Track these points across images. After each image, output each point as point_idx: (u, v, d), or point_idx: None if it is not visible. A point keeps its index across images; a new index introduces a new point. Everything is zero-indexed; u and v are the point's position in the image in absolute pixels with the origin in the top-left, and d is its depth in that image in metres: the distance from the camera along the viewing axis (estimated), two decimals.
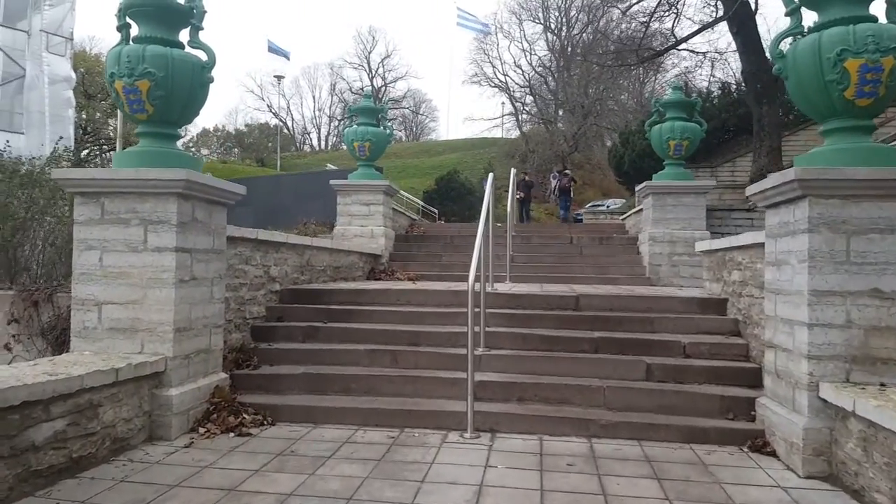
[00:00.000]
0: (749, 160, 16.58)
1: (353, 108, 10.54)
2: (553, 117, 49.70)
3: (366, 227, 10.22)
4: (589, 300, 6.16)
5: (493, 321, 5.88)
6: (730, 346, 5.36)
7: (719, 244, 6.09)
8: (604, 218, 17.87)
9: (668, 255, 9.47)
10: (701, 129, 9.83)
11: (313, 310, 6.25)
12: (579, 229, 11.94)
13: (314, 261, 7.44)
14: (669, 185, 9.57)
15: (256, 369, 5.36)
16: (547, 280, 9.34)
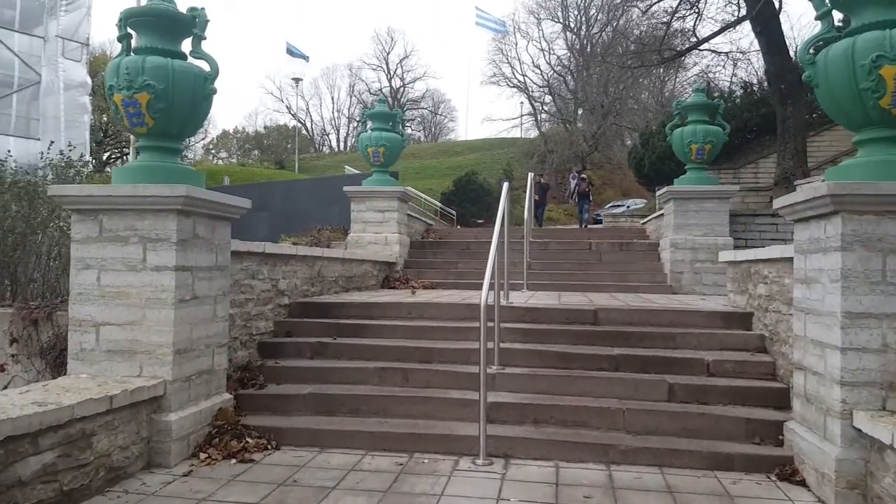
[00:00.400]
0: (773, 161, 16.19)
1: (366, 114, 10.37)
2: (572, 117, 49.33)
3: (380, 234, 10.05)
4: (608, 314, 5.93)
5: (508, 337, 5.67)
6: (756, 364, 5.11)
7: (744, 255, 5.83)
8: (623, 221, 17.56)
9: (691, 262, 9.20)
10: (724, 132, 9.56)
11: (323, 324, 6.08)
12: (598, 234, 11.68)
13: (325, 272, 7.28)
14: (691, 191, 9.31)
15: (262, 389, 5.19)
16: (565, 288, 9.12)
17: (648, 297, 7.78)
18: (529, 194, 10.40)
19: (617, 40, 41.51)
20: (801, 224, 4.22)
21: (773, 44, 13.16)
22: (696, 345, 5.48)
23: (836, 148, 15.13)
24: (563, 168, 43.69)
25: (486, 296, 4.56)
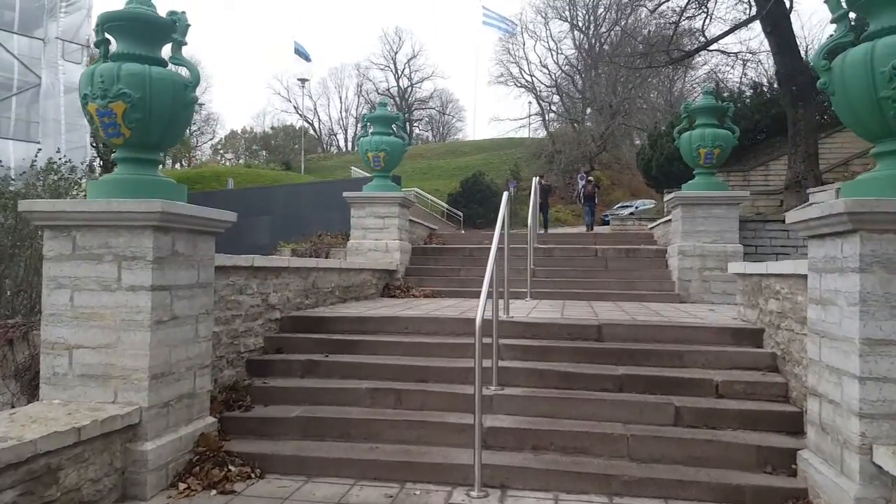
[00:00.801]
0: (783, 164, 15.91)
1: (367, 117, 10.14)
2: (580, 116, 49.00)
3: (380, 241, 9.82)
4: (612, 329, 5.66)
5: (508, 354, 5.43)
6: (767, 386, 4.84)
7: (755, 269, 5.56)
8: (631, 224, 17.29)
9: (699, 269, 8.93)
10: (733, 136, 9.27)
11: (315, 340, 5.84)
12: (605, 240, 11.41)
13: (320, 283, 7.05)
14: (700, 196, 9.03)
15: (249, 411, 4.96)
16: (570, 296, 8.88)
17: (656, 308, 7.52)
18: (534, 199, 10.14)
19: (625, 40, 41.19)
20: (815, 241, 3.96)
21: (784, 44, 12.86)
22: (705, 363, 5.21)
23: (847, 150, 14.84)
24: (572, 168, 43.41)
25: (481, 313, 4.33)
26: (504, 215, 6.10)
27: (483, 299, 4.55)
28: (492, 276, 4.95)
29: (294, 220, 13.13)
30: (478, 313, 4.32)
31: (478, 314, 4.31)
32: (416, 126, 79.61)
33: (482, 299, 4.54)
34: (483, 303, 4.50)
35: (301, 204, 14.20)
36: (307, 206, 14.20)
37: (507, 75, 52.58)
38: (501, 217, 5.89)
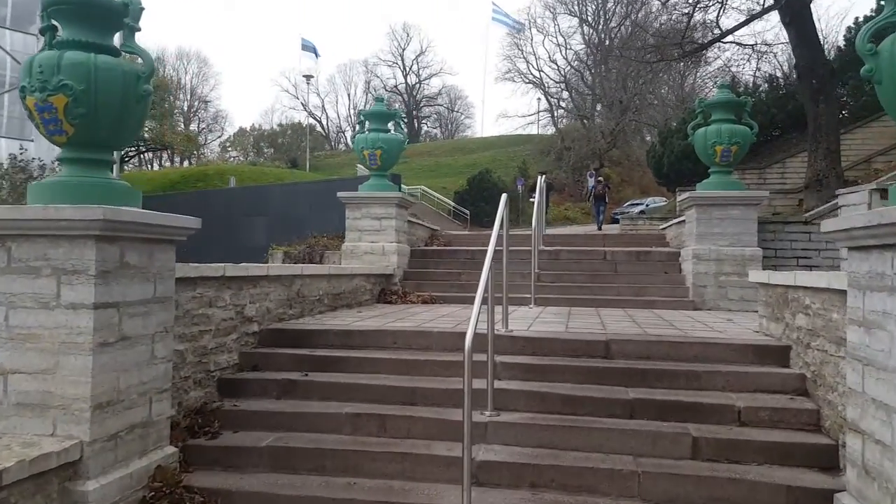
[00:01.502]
0: (801, 161, 15.32)
1: (363, 113, 9.63)
2: (590, 113, 48.33)
3: (376, 244, 9.32)
4: (622, 346, 5.13)
5: (506, 373, 4.92)
6: (796, 413, 4.31)
7: (781, 279, 5.02)
8: (642, 224, 16.69)
9: (715, 274, 8.39)
10: (752, 132, 8.72)
11: (295, 357, 5.34)
12: (614, 241, 10.87)
13: (306, 290, 6.54)
14: (716, 196, 8.48)
15: (215, 438, 4.46)
16: (577, 303, 8.36)
17: (669, 318, 6.99)
18: (538, 199, 9.61)
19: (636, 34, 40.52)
20: (858, 253, 3.41)
21: (804, 35, 12.24)
22: (725, 385, 4.68)
23: (869, 147, 14.23)
24: (581, 166, 42.83)
25: (472, 329, 3.86)
26: (503, 216, 5.61)
27: (476, 312, 4.06)
28: (487, 285, 4.46)
29: (293, 221, 12.65)
30: (468, 330, 3.82)
31: (468, 331, 3.82)
32: (424, 123, 79.16)
33: (474, 312, 4.05)
34: (475, 316, 4.01)
35: (299, 203, 13.71)
36: (306, 205, 13.70)
37: (515, 71, 51.92)
38: (500, 219, 5.38)
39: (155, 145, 66.38)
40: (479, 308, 4.16)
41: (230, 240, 12.65)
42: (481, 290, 4.34)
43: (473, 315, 4.03)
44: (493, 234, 5.18)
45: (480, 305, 4.20)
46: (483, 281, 4.43)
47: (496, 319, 5.62)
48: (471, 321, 3.95)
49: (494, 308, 4.72)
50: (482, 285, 4.39)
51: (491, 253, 4.79)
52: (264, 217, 14.28)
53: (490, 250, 4.82)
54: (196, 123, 74.11)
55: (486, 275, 4.51)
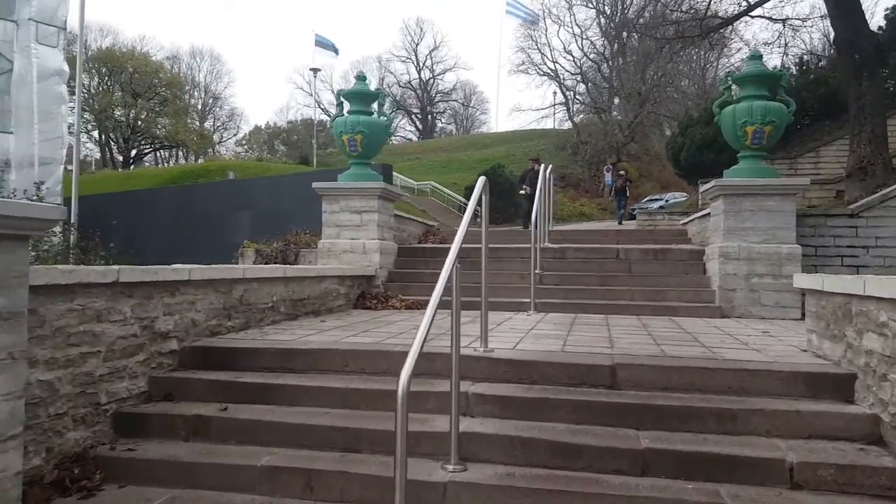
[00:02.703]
0: (837, 149, 14.03)
1: (342, 93, 8.49)
2: (607, 105, 46.90)
3: (356, 241, 8.20)
4: (633, 372, 3.95)
5: (479, 408, 3.78)
6: (870, 472, 3.11)
7: (841, 285, 3.83)
8: (661, 219, 15.46)
9: (745, 276, 7.19)
10: (788, 110, 7.49)
11: (218, 384, 4.22)
12: (629, 238, 9.67)
13: (253, 297, 5.43)
14: (747, 185, 7.27)
15: (91, 496, 3.35)
16: (584, 308, 7.23)
17: (691, 328, 5.81)
18: (541, 187, 8.44)
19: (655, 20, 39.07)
20: None
21: (843, 4, 10.89)
22: (770, 429, 3.49)
23: None
24: (598, 160, 41.51)
25: (414, 357, 2.78)
26: (482, 205, 4.51)
27: (424, 328, 2.96)
28: (454, 290, 3.38)
29: (277, 216, 11.62)
30: (410, 355, 2.72)
31: (408, 358, 2.72)
32: (438, 119, 78.00)
33: (422, 329, 2.95)
34: (422, 335, 2.92)
35: (286, 197, 12.65)
36: (293, 199, 12.63)
37: (529, 63, 50.47)
38: (472, 206, 4.26)
39: (169, 143, 66.02)
40: (430, 321, 3.05)
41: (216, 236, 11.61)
42: (436, 296, 3.23)
43: (420, 333, 2.92)
44: (462, 224, 4.06)
45: (432, 318, 3.08)
46: (440, 284, 3.35)
47: (471, 335, 4.53)
48: (415, 342, 2.85)
49: (464, 320, 3.61)
50: (438, 290, 3.29)
51: (456, 248, 3.69)
52: (249, 212, 13.24)
53: (455, 245, 3.72)
54: (211, 121, 73.61)
55: (446, 275, 3.42)
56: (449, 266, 3.50)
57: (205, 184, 18.35)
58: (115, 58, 61.18)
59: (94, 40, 65.39)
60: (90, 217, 14.86)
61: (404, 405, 2.60)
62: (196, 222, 14.26)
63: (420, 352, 2.88)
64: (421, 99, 74.40)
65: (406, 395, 2.61)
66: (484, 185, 4.49)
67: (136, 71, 61.87)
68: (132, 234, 15.22)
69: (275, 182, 13.42)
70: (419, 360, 4.09)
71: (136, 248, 14.71)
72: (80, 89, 14.57)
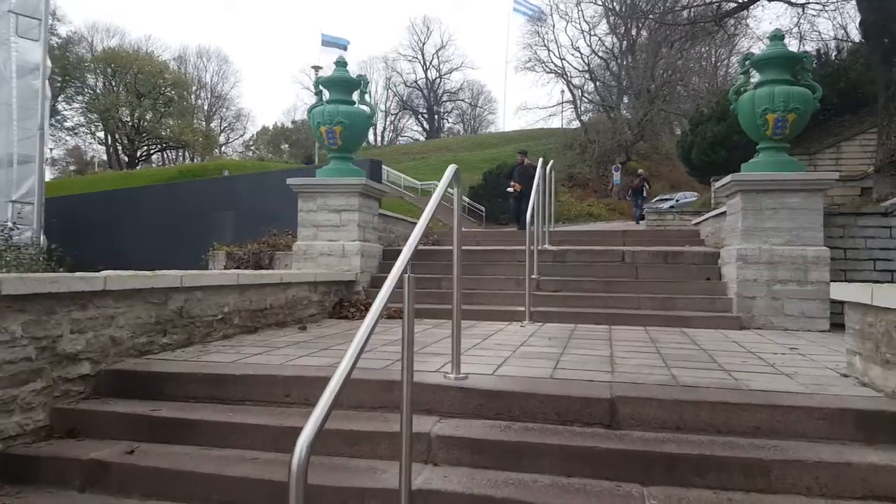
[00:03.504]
0: (859, 144, 13.22)
1: (321, 81, 7.74)
2: (616, 103, 45.99)
3: (335, 243, 7.45)
4: (637, 407, 3.17)
5: (445, 455, 3.02)
6: None
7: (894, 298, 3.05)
8: (671, 219, 14.64)
9: (767, 282, 6.40)
10: (813, 96, 6.71)
11: (131, 417, 3.46)
12: (636, 239, 8.88)
13: (197, 308, 4.68)
14: (768, 180, 6.48)
15: None
16: (585, 318, 6.49)
17: (708, 345, 5.03)
18: (538, 184, 7.66)
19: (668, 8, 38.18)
20: None
21: None
22: (812, 486, 2.72)
23: None
24: (606, 160, 40.66)
25: (318, 420, 2.01)
26: (455, 196, 3.74)
27: (352, 355, 2.23)
28: (407, 303, 2.65)
29: (262, 216, 10.84)
30: (311, 419, 1.97)
31: (310, 422, 1.96)
32: (445, 119, 77.22)
33: (348, 357, 2.22)
34: (345, 370, 2.19)
35: (268, 197, 11.91)
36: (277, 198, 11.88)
37: (536, 60, 49.54)
38: (437, 197, 3.50)
39: (174, 144, 65.56)
40: (362, 345, 2.31)
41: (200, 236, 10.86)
42: (375, 310, 2.49)
43: (345, 362, 2.18)
44: (422, 218, 3.30)
45: (364, 342, 2.34)
46: (382, 295, 2.59)
47: (445, 355, 3.79)
48: (332, 383, 2.11)
49: (444, 334, 2.86)
50: (379, 302, 2.54)
51: (409, 250, 2.93)
52: (233, 212, 12.52)
53: (408, 247, 2.96)
54: (218, 122, 73.19)
55: (392, 283, 2.66)
56: (397, 271, 2.74)
57: (189, 182, 17.64)
58: (119, 58, 60.78)
59: (101, 41, 65.18)
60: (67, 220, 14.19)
61: (300, 488, 1.82)
62: (179, 222, 13.56)
63: (337, 393, 2.11)
64: (427, 99, 73.66)
65: (303, 472, 1.83)
66: (454, 174, 3.71)
67: (140, 71, 61.46)
68: (110, 236, 14.53)
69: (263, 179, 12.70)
70: (381, 389, 3.36)
71: (113, 251, 14.02)
72: (44, 84, 13.89)
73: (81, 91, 60.18)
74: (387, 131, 75.07)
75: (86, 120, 61.41)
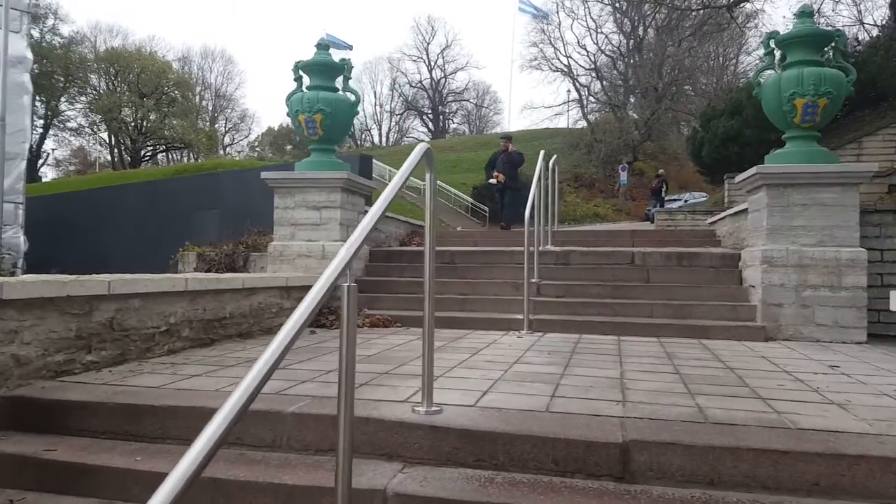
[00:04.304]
0: (881, 139, 12.47)
1: (300, 65, 7.03)
2: (622, 102, 45.19)
3: (314, 243, 6.75)
4: (655, 454, 2.45)
5: None
6: None
7: None
8: (681, 219, 13.89)
9: (795, 287, 5.67)
10: (847, 79, 5.99)
11: (19, 460, 2.74)
12: (646, 239, 8.16)
13: (133, 319, 3.98)
14: (797, 172, 5.76)
15: None
16: (590, 328, 5.81)
17: (733, 361, 4.31)
18: (538, 178, 6.93)
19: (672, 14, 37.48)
20: None
21: None
22: None
23: None
24: (613, 160, 39.89)
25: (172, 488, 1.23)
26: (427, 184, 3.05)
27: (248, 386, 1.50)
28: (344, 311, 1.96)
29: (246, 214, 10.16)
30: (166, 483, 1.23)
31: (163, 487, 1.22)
32: (450, 120, 76.49)
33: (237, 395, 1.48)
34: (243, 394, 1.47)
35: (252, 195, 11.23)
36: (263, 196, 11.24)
37: (541, 58, 48.71)
38: (396, 184, 2.78)
39: (178, 144, 64.97)
40: (263, 374, 1.61)
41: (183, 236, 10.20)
42: (291, 326, 1.79)
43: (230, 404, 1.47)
44: (375, 206, 2.62)
45: (274, 360, 1.67)
46: (303, 308, 1.89)
47: (419, 377, 3.10)
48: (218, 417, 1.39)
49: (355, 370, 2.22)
50: (297, 316, 1.84)
51: (351, 249, 2.25)
52: (217, 211, 11.85)
53: (350, 245, 2.28)
54: (223, 123, 72.68)
55: (320, 293, 1.97)
56: (326, 280, 2.04)
57: (172, 179, 16.93)
58: (121, 58, 60.29)
59: (104, 41, 64.65)
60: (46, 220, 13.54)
61: None
62: (162, 221, 12.89)
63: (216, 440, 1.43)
64: (432, 99, 72.93)
65: None
66: (424, 154, 2.98)
67: (143, 71, 60.94)
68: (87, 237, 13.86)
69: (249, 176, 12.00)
70: (328, 426, 2.68)
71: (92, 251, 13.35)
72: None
73: (84, 91, 59.71)
74: (392, 132, 74.37)
75: (87, 121, 60.93)
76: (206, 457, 1.42)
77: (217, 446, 1.46)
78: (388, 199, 2.58)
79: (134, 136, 62.84)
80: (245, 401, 1.60)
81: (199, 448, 1.44)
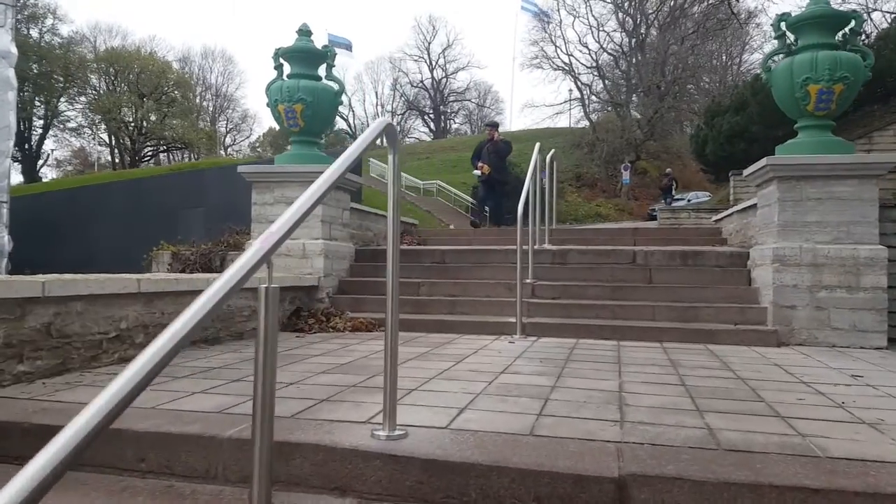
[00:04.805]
0: (892, 134, 12.05)
1: (280, 52, 6.62)
2: (625, 101, 44.75)
3: (294, 241, 6.35)
4: (659, 492, 2.02)
5: None
6: None
7: None
8: (685, 216, 13.48)
9: (809, 288, 5.25)
10: (864, 63, 5.57)
11: None
12: (649, 238, 7.74)
13: (76, 325, 3.57)
14: (811, 164, 5.34)
15: None
16: (588, 332, 5.39)
17: (744, 371, 3.89)
18: (532, 172, 6.52)
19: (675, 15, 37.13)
20: None
21: None
22: None
23: None
24: (615, 159, 39.48)
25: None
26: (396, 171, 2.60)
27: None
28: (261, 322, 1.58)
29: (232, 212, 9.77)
30: None
31: None
32: (451, 120, 76.11)
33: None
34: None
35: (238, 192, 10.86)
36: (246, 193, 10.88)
37: (542, 56, 48.26)
38: (346, 156, 2.37)
39: (178, 144, 64.66)
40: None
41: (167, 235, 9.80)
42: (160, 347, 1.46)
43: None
44: (315, 184, 2.20)
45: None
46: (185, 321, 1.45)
47: (371, 399, 2.69)
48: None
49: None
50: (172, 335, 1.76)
51: (269, 242, 1.82)
52: (202, 209, 11.46)
53: (267, 236, 1.85)
54: (224, 123, 72.41)
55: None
56: (231, 277, 1.63)
57: (157, 176, 16.54)
58: (121, 57, 60.00)
59: (104, 41, 64.34)
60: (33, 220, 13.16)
61: None
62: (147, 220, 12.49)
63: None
64: (434, 99, 72.58)
65: None
66: (383, 130, 2.57)
67: (142, 71, 60.67)
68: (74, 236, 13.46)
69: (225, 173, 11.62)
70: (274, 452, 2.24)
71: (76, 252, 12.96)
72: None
73: (84, 91, 59.43)
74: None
75: (87, 121, 60.63)
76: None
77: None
78: (329, 180, 2.16)
79: (134, 136, 62.54)
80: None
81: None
